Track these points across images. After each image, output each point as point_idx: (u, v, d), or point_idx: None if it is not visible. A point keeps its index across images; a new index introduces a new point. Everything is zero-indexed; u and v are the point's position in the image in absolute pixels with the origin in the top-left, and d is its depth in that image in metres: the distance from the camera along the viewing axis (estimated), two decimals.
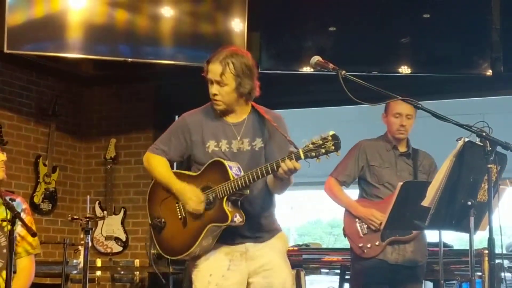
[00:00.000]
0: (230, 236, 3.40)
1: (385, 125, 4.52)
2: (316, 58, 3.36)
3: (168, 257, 3.55)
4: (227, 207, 3.30)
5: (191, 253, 3.39)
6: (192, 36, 6.07)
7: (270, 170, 3.21)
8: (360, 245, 4.35)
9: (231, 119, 3.49)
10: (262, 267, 3.43)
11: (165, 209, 3.50)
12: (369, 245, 4.31)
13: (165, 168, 3.50)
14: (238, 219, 3.31)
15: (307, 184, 8.64)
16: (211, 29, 6.10)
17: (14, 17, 5.67)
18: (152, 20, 6.00)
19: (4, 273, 3.61)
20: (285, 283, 3.46)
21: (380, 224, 4.25)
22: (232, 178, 3.28)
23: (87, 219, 4.44)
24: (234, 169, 3.32)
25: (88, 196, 5.78)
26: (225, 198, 3.31)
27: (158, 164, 3.51)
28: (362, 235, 4.35)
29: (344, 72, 3.21)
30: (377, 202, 4.38)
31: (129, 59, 6.00)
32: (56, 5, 5.83)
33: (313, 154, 3.10)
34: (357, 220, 4.39)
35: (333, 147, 3.07)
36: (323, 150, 3.08)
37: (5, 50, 5.67)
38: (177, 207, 3.45)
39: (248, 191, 3.34)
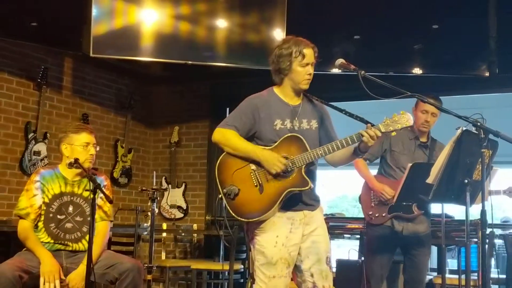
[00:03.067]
0: (293, 203, 3.23)
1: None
2: (340, 61, 3.31)
3: (242, 219, 3.21)
4: (305, 175, 3.16)
5: (268, 215, 3.17)
6: (241, 43, 6.04)
7: (349, 141, 3.12)
8: (370, 212, 4.31)
9: (291, 101, 3.32)
10: (313, 233, 3.28)
11: (238, 178, 3.21)
12: (377, 214, 4.27)
13: (241, 139, 3.23)
14: (312, 186, 3.19)
15: None
16: (257, 37, 6.05)
17: (98, 28, 5.69)
18: (209, 30, 5.98)
19: (88, 236, 3.68)
20: (328, 249, 3.35)
21: (390, 198, 4.22)
22: (309, 150, 3.15)
23: (153, 190, 4.48)
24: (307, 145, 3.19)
25: (154, 172, 5.77)
26: (304, 166, 3.15)
27: (234, 136, 3.23)
28: (373, 205, 4.31)
29: (363, 72, 3.18)
30: (392, 181, 4.30)
31: (190, 62, 5.99)
32: (133, 18, 5.85)
33: (390, 128, 3.09)
34: (371, 192, 4.34)
35: (407, 122, 3.07)
36: (399, 126, 3.07)
37: (91, 55, 5.70)
38: (252, 176, 3.20)
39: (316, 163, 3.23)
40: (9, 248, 4.52)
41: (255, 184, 3.21)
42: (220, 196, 3.24)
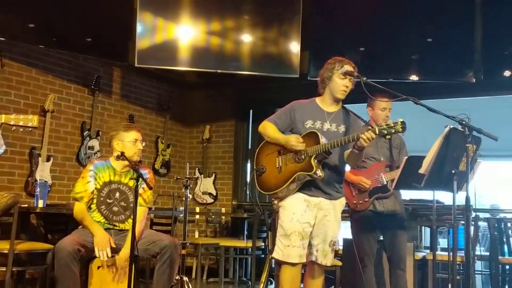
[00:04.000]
0: (311, 189, 3.38)
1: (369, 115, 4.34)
2: (345, 68, 3.35)
3: (263, 192, 3.51)
4: (313, 163, 3.26)
5: (280, 191, 3.37)
6: (263, 54, 6.03)
7: (351, 139, 3.19)
8: (354, 202, 4.24)
9: (328, 109, 3.46)
10: (325, 218, 3.42)
11: (267, 160, 3.48)
12: (360, 201, 4.20)
13: (275, 131, 3.46)
14: (319, 173, 3.28)
15: None
16: (276, 49, 6.04)
17: (142, 43, 5.76)
18: (236, 43, 5.99)
19: (130, 220, 3.76)
20: (335, 234, 3.48)
21: (368, 187, 4.18)
22: (321, 143, 3.26)
23: (187, 179, 4.52)
24: (323, 139, 3.28)
25: (188, 164, 5.87)
26: (314, 156, 3.27)
27: (271, 128, 3.47)
28: (354, 195, 4.24)
29: (365, 78, 3.19)
30: (363, 171, 4.25)
31: (219, 71, 6.02)
32: (171, 34, 5.88)
33: (385, 132, 3.08)
34: (350, 184, 4.26)
35: (401, 129, 3.05)
36: (393, 130, 3.06)
37: (136, 65, 5.78)
38: (277, 160, 3.43)
39: (329, 156, 3.31)
40: (67, 226, 4.62)
41: (277, 166, 3.43)
42: (253, 173, 3.54)
